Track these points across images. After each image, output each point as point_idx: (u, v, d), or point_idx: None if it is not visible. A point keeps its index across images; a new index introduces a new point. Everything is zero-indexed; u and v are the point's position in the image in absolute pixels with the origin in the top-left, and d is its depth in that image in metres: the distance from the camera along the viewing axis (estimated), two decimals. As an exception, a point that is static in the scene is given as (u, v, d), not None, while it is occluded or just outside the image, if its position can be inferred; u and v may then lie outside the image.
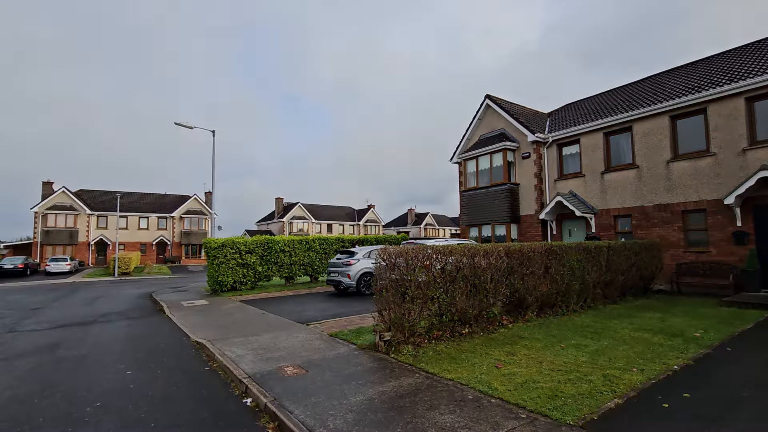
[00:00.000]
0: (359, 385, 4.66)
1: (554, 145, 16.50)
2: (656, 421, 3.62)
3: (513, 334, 6.99)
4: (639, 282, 11.22)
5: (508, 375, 4.85)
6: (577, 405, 3.92)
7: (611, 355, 5.64)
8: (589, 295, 9.50)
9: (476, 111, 19.14)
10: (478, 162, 18.31)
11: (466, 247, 6.94)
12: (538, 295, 8.20)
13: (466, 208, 18.83)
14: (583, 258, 9.24)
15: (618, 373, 4.83)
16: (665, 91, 13.91)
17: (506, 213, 16.80)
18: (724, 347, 6.08)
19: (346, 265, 13.08)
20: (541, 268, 8.16)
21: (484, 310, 7.23)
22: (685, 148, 12.76)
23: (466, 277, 6.77)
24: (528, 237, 16.66)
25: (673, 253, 12.72)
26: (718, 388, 4.40)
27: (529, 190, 16.76)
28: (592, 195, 15.06)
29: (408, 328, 6.12)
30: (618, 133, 14.55)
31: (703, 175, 12.15)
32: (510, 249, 7.63)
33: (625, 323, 7.75)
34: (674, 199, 12.80)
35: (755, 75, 11.23)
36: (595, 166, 15.04)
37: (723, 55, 14.49)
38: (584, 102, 18.76)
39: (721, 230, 11.75)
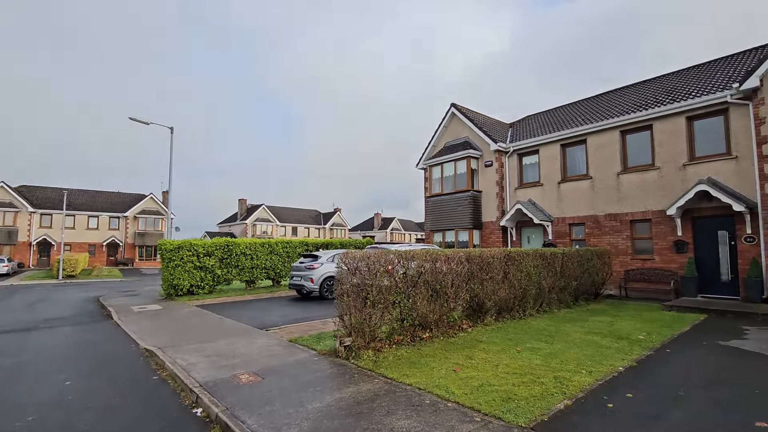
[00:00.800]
0: (317, 391, 4.58)
1: (515, 155, 17.09)
2: (601, 421, 3.79)
3: (472, 338, 7.13)
4: (591, 287, 11.79)
5: (465, 379, 4.94)
6: (530, 407, 4.04)
7: (563, 357, 5.87)
8: (545, 299, 9.87)
9: (442, 118, 19.53)
10: (442, 169, 18.65)
11: (428, 252, 7.03)
12: (497, 299, 8.42)
13: (430, 214, 19.10)
14: (540, 264, 9.59)
15: (569, 375, 5.03)
16: (616, 108, 14.79)
17: (469, 219, 17.19)
18: (665, 348, 6.49)
19: (309, 269, 12.90)
20: (500, 273, 8.39)
21: (445, 314, 7.33)
22: (634, 161, 13.60)
23: (428, 282, 6.85)
24: (489, 243, 17.12)
25: (622, 260, 13.48)
26: (657, 388, 4.68)
27: (491, 197, 17.25)
28: (550, 203, 15.71)
29: (369, 333, 6.09)
30: (574, 145, 15.30)
31: (649, 187, 12.99)
32: (470, 254, 7.80)
33: (577, 327, 8.10)
34: (623, 209, 13.58)
35: (694, 96, 12.17)
36: (553, 176, 15.71)
37: (668, 76, 15.60)
38: (544, 114, 19.60)
39: (664, 239, 12.59)
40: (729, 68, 13.06)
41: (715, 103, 11.54)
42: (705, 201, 11.63)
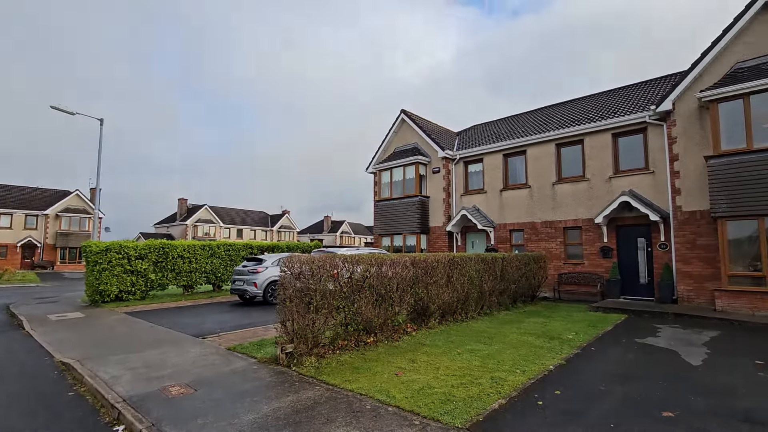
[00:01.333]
0: (254, 402, 4.40)
1: (461, 162, 17.70)
2: (531, 418, 4.00)
3: (416, 341, 7.24)
4: (528, 290, 12.45)
5: (407, 382, 4.99)
6: (467, 408, 4.16)
7: (500, 358, 6.13)
8: (486, 302, 10.27)
9: (392, 124, 19.78)
10: (392, 173, 18.87)
11: (374, 257, 7.04)
12: (441, 303, 8.63)
13: (379, 218, 19.22)
14: (482, 268, 9.98)
15: (504, 375, 5.26)
16: (553, 122, 15.83)
17: (417, 224, 17.51)
18: (590, 347, 6.99)
19: (252, 273, 12.43)
20: (444, 277, 8.61)
21: (390, 318, 7.38)
22: (567, 172, 14.62)
23: (373, 286, 6.86)
24: (436, 247, 17.55)
25: (556, 265, 14.40)
26: (582, 384, 5.03)
27: (438, 203, 17.71)
28: (493, 210, 16.43)
29: (312, 339, 5.97)
30: (515, 155, 16.14)
31: (580, 197, 14.02)
32: (416, 259, 7.93)
33: (514, 328, 8.51)
34: (558, 216, 14.54)
35: (619, 115, 13.35)
36: (496, 184, 16.46)
37: (598, 95, 17.00)
38: (489, 125, 20.52)
39: (592, 245, 13.63)
40: (649, 91, 14.48)
41: (636, 122, 12.73)
42: (627, 211, 12.75)
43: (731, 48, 10.92)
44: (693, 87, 11.32)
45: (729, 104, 10.34)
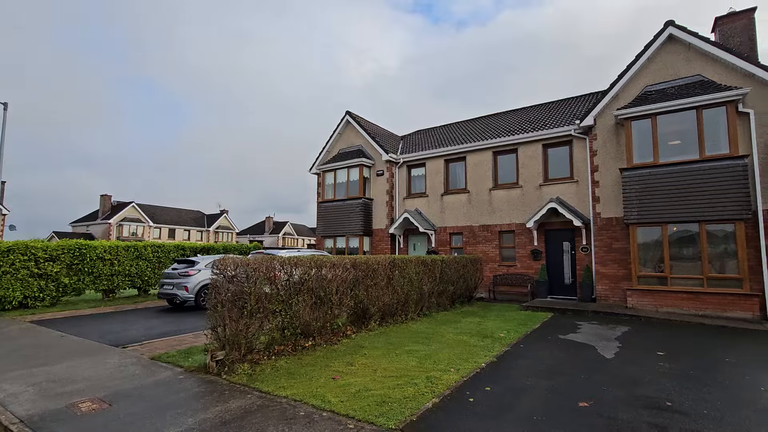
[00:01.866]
0: (177, 414, 4.10)
1: (405, 166, 18.02)
2: (463, 414, 4.13)
3: (355, 344, 7.21)
4: (465, 291, 12.94)
5: (343, 386, 4.94)
6: (401, 409, 4.20)
7: (437, 358, 6.29)
8: (425, 303, 10.51)
9: (337, 125, 19.65)
10: (336, 175, 18.72)
11: (313, 259, 6.91)
12: (381, 305, 8.68)
13: (322, 220, 18.97)
14: (422, 270, 10.20)
15: (439, 374, 5.39)
16: (491, 131, 16.66)
17: (360, 226, 17.51)
18: (519, 344, 7.41)
19: (183, 276, 11.67)
20: (384, 279, 8.67)
21: (329, 321, 7.28)
22: (503, 179, 15.45)
23: (312, 289, 6.73)
24: (379, 249, 17.67)
25: (491, 267, 15.13)
26: (511, 380, 5.30)
27: (382, 205, 17.86)
28: (434, 214, 16.89)
29: (245, 345, 5.72)
30: (455, 161, 16.75)
31: (514, 203, 14.86)
32: (356, 261, 7.91)
33: (451, 328, 8.79)
34: (494, 221, 15.29)
35: (549, 127, 14.37)
36: (437, 189, 16.95)
37: (532, 107, 18.17)
38: (432, 131, 21.10)
39: (524, 248, 14.51)
40: (576, 106, 15.75)
41: (563, 134, 13.79)
42: (555, 216, 13.74)
43: (642, 72, 12.21)
44: (611, 105, 12.49)
45: (640, 122, 11.54)
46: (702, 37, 11.22)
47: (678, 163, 10.85)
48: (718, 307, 10.14)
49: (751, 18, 12.29)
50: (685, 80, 11.45)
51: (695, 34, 11.28)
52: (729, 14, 12.58)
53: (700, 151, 10.67)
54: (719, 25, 12.74)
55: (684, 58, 11.58)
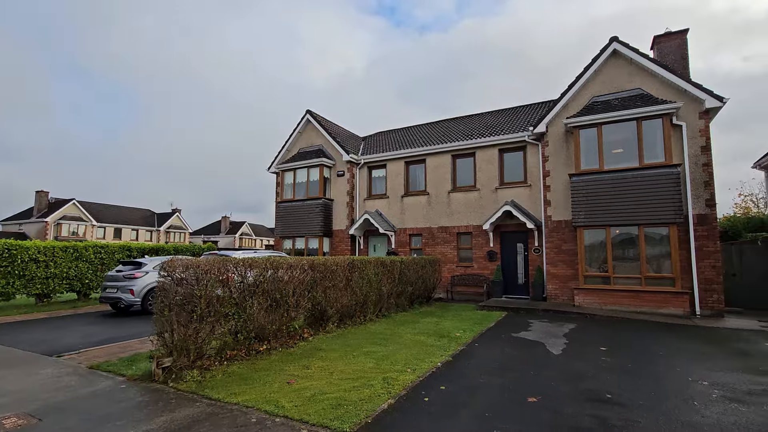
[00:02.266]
0: (117, 427, 3.84)
1: (366, 167, 18.02)
2: (417, 414, 4.17)
3: (312, 346, 7.09)
4: (424, 292, 13.11)
5: (298, 390, 4.83)
6: (357, 411, 4.17)
7: (394, 358, 6.31)
8: (384, 304, 10.54)
9: (297, 124, 19.31)
10: (295, 174, 18.39)
11: (269, 260, 6.73)
12: (340, 306, 8.60)
13: (281, 220, 18.55)
14: (381, 271, 10.22)
15: (396, 375, 5.42)
16: (450, 135, 17.03)
17: (320, 227, 17.30)
18: (474, 343, 7.60)
19: (129, 279, 10.99)
20: (343, 280, 8.61)
21: (285, 324, 7.12)
22: (461, 182, 15.83)
23: (267, 291, 6.54)
24: (339, 250, 17.53)
25: (449, 267, 15.45)
26: (466, 378, 5.42)
27: (342, 206, 17.75)
28: (394, 215, 17.01)
29: (195, 350, 5.46)
30: (416, 163, 16.97)
31: (471, 205, 15.27)
32: (314, 262, 7.79)
33: (409, 328, 8.87)
34: (452, 223, 15.63)
35: (505, 133, 14.90)
36: (397, 190, 17.09)
37: (490, 113, 18.75)
38: (393, 132, 21.25)
39: (481, 249, 14.94)
40: (530, 113, 16.44)
41: (518, 140, 14.35)
42: (509, 219, 14.26)
43: (590, 84, 12.96)
44: (561, 114, 13.15)
45: (587, 131, 12.24)
46: (642, 53, 12.09)
47: (620, 170, 11.61)
48: (655, 304, 10.94)
49: (684, 38, 13.40)
50: (627, 93, 12.28)
51: (636, 50, 12.13)
52: (665, 33, 13.64)
53: (639, 159, 11.48)
54: (657, 43, 13.79)
55: (627, 72, 12.41)
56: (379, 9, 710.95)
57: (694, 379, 5.36)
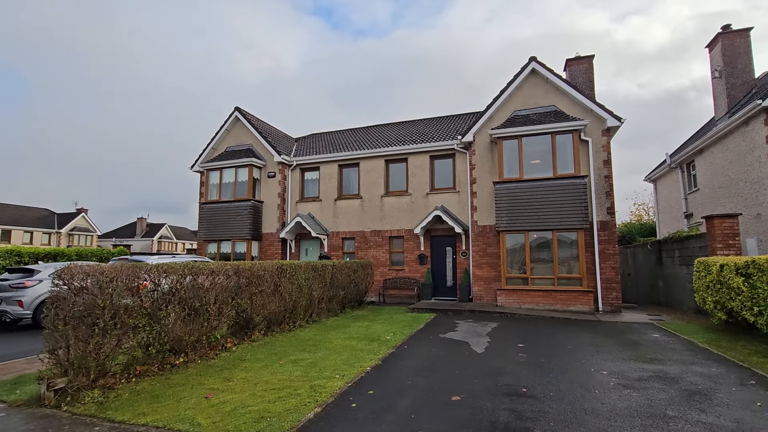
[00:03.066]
0: (-10, 463, 3.28)
1: (298, 169, 17.61)
2: (344, 421, 4.11)
3: (236, 357, 6.71)
4: (356, 296, 13.09)
5: (218, 405, 4.52)
6: (281, 423, 4.00)
7: (323, 365, 6.18)
8: (315, 309, 10.32)
9: (225, 121, 18.30)
10: (222, 174, 17.39)
11: (188, 266, 6.25)
12: (267, 313, 8.26)
13: (205, 222, 17.41)
14: (312, 276, 10.01)
15: (324, 382, 5.30)
16: (384, 139, 17.28)
17: (248, 230, 16.52)
18: (404, 345, 7.72)
19: (17, 289, 9.57)
20: (270, 286, 8.27)
21: (205, 334, 6.65)
22: (394, 187, 16.12)
23: (185, 299, 6.06)
24: (268, 254, 16.88)
25: (382, 271, 15.61)
26: (393, 381, 5.47)
27: (273, 208, 17.14)
28: (327, 218, 16.80)
29: (96, 368, 4.87)
30: (349, 167, 16.95)
31: (403, 210, 15.60)
32: (239, 267, 7.40)
33: (340, 333, 8.77)
34: (385, 226, 15.83)
35: (436, 140, 15.48)
36: (331, 193, 16.92)
37: (422, 120, 19.35)
38: (327, 135, 21.03)
39: (412, 253, 15.31)
40: (460, 123, 17.24)
41: (448, 148, 14.98)
42: (439, 223, 14.79)
43: (512, 98, 13.95)
44: (487, 125, 13.98)
45: (509, 142, 13.14)
46: (556, 74, 13.30)
47: (537, 179, 12.62)
48: (565, 302, 12.00)
49: (591, 63, 15.00)
50: (544, 109, 13.41)
51: (551, 70, 13.31)
52: (575, 57, 15.16)
53: (553, 170, 12.57)
54: (569, 66, 15.26)
55: (543, 90, 13.56)
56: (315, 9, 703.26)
57: (596, 370, 5.95)
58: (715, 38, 14.94)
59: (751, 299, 7.14)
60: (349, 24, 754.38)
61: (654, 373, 5.76)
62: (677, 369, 5.95)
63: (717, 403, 4.55)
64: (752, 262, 7.20)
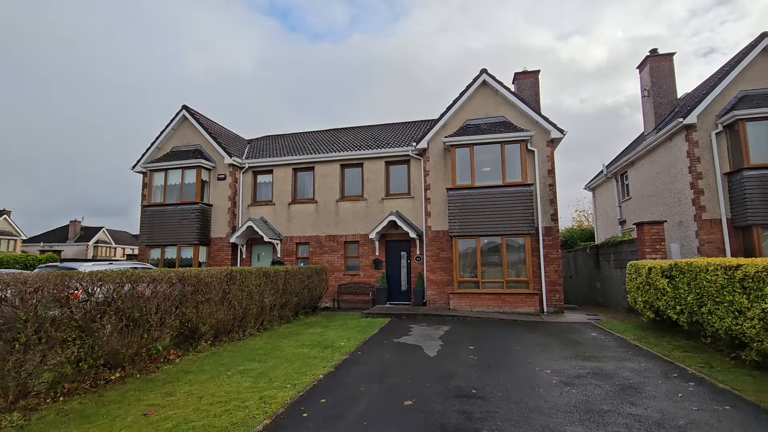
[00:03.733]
0: None
1: (251, 172, 17.07)
2: (295, 431, 4.01)
3: (179, 369, 6.34)
4: (310, 302, 12.86)
5: (157, 422, 4.24)
6: (227, 438, 3.83)
7: (273, 375, 6.00)
8: (266, 317, 10.02)
9: (171, 120, 17.35)
10: (167, 175, 16.47)
11: (126, 273, 5.84)
12: (214, 322, 7.89)
13: (148, 226, 16.37)
14: (263, 282, 9.71)
15: (274, 393, 5.14)
16: (339, 144, 17.21)
17: (196, 234, 15.75)
18: (358, 351, 7.68)
19: None
20: (219, 293, 7.93)
21: (146, 346, 6.24)
22: (350, 191, 16.08)
23: (122, 309, 5.65)
24: (218, 260, 16.18)
25: (337, 276, 15.47)
26: (346, 388, 5.42)
27: (223, 212, 16.47)
28: (280, 223, 16.41)
29: (15, 387, 4.41)
30: (304, 170, 16.70)
31: (359, 215, 15.60)
32: (185, 275, 7.03)
33: (292, 341, 8.56)
34: (340, 231, 15.73)
35: (391, 146, 15.65)
36: (285, 197, 16.56)
37: (378, 126, 19.48)
38: (282, 137, 20.58)
39: (367, 258, 15.32)
40: (415, 130, 17.54)
41: (403, 154, 15.20)
42: (394, 228, 14.94)
43: (465, 108, 14.43)
44: (441, 132, 14.36)
45: (462, 150, 13.57)
46: (505, 86, 13.95)
47: (488, 186, 13.13)
48: (513, 304, 12.53)
49: (537, 77, 15.89)
50: (494, 119, 14.00)
51: (501, 83, 13.94)
52: (523, 72, 15.99)
53: (503, 178, 13.14)
54: (517, 79, 16.07)
55: (494, 101, 14.16)
56: (271, 10, 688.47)
57: (540, 369, 6.25)
58: (644, 60, 16.38)
59: (674, 299, 7.84)
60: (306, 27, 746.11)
61: (591, 370, 6.15)
62: (612, 365, 6.39)
63: (645, 396, 4.94)
64: (675, 265, 7.92)
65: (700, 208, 11.90)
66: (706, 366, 6.18)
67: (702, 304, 6.92)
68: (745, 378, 5.53)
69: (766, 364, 5.82)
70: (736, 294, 6.00)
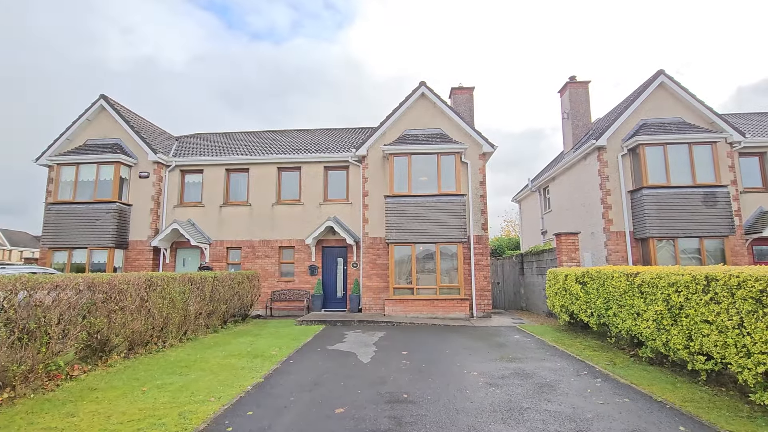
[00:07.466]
0: None
1: (178, 170, 15.94)
2: (217, 449, 3.76)
3: (85, 386, 5.67)
4: (240, 309, 12.25)
5: (53, 447, 3.75)
6: (138, 460, 3.49)
7: (195, 388, 5.60)
8: (191, 326, 9.36)
9: (86, 109, 15.64)
10: (79, 170, 14.81)
11: (21, 279, 5.12)
12: (129, 333, 7.20)
13: (54, 226, 14.55)
14: (187, 289, 9.07)
15: (195, 407, 4.80)
16: (276, 146, 16.72)
17: (111, 236, 14.30)
18: (290, 360, 7.45)
19: None
20: (136, 301, 7.26)
21: (44, 362, 5.50)
22: (286, 195, 15.65)
23: (14, 320, 4.94)
24: (137, 265, 14.82)
25: (270, 282, 14.92)
26: (275, 399, 5.21)
27: (144, 213, 15.16)
28: (210, 226, 15.49)
29: None
30: (238, 172, 15.96)
31: (295, 219, 15.22)
32: (94, 281, 6.34)
33: (219, 351, 8.07)
34: (275, 236, 15.22)
35: (331, 151, 15.54)
36: (216, 199, 15.67)
37: (318, 130, 19.21)
38: (214, 136, 19.49)
39: (303, 264, 14.98)
40: (355, 136, 17.58)
41: (342, 160, 15.16)
42: (331, 234, 14.79)
43: (404, 117, 14.79)
44: (380, 140, 14.56)
45: (400, 158, 13.87)
46: (442, 99, 14.55)
47: (424, 195, 13.54)
48: (446, 310, 12.97)
49: (471, 93, 16.78)
50: (431, 130, 14.51)
51: (438, 96, 14.52)
52: (459, 87, 16.80)
53: (438, 187, 13.63)
54: (453, 93, 16.83)
55: (431, 113, 14.69)
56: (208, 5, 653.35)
57: (468, 371, 6.52)
58: (565, 86, 18.02)
59: (586, 303, 8.64)
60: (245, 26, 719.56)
61: (514, 370, 6.55)
62: (532, 366, 6.86)
63: (560, 392, 5.36)
64: (587, 272, 8.75)
65: (608, 221, 13.29)
66: (611, 363, 6.87)
67: (608, 308, 7.70)
68: (641, 373, 6.23)
69: (658, 360, 6.63)
70: (635, 298, 6.76)
